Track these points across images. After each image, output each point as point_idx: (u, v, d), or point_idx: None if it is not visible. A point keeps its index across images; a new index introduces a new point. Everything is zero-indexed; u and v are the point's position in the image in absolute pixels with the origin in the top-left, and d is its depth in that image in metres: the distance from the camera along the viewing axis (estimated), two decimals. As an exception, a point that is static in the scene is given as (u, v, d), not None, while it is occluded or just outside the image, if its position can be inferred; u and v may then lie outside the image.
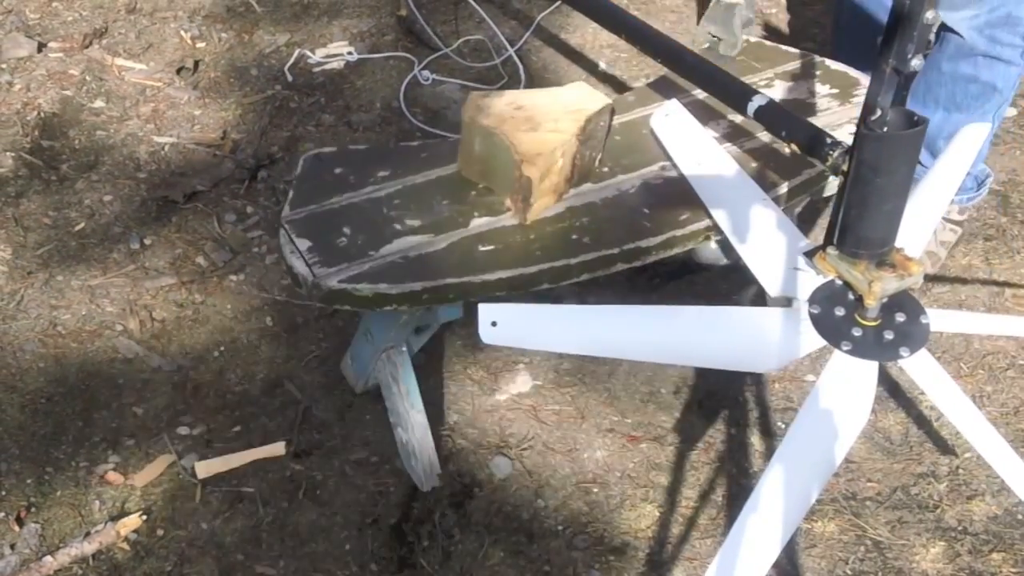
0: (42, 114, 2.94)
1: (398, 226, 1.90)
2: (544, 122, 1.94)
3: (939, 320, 1.68)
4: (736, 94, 1.88)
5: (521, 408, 2.25)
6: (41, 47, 3.17)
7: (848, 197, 1.57)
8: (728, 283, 2.47)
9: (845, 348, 1.61)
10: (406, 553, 2.00)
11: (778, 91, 2.26)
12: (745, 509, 1.51)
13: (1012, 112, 3.06)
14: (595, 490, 2.11)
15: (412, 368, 2.04)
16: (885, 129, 1.50)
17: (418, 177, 2.02)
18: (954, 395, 1.65)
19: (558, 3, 3.44)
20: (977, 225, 2.70)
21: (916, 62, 1.41)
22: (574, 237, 1.91)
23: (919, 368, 1.63)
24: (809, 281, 1.70)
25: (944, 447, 2.18)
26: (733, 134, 2.14)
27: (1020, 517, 2.05)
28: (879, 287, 1.57)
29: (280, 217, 1.92)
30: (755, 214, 1.81)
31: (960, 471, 2.13)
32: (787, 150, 1.95)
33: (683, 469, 2.14)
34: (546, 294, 2.50)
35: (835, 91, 2.26)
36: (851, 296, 1.65)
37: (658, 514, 2.06)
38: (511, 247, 1.88)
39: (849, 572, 1.97)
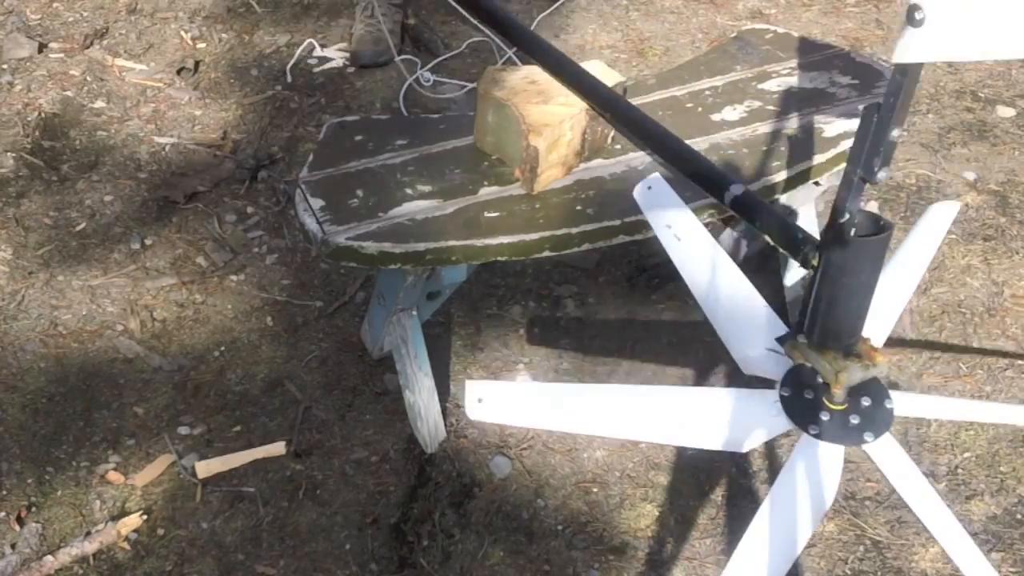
0: (43, 114, 2.94)
1: (409, 191, 1.96)
2: (555, 96, 1.98)
3: (903, 405, 1.71)
4: (713, 181, 1.87)
5: (521, 408, 2.25)
6: (42, 47, 3.18)
7: (816, 292, 1.62)
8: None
9: (812, 432, 1.65)
10: (406, 553, 2.00)
11: (800, 80, 2.28)
12: None
13: (1011, 112, 3.07)
14: (595, 490, 2.11)
15: (421, 332, 2.09)
16: (853, 232, 1.55)
17: (434, 147, 2.08)
18: (916, 482, 1.67)
19: (558, 3, 3.45)
20: (976, 225, 2.70)
21: (882, 174, 1.48)
22: (578, 208, 1.95)
23: (881, 453, 1.66)
24: (782, 363, 1.73)
25: (943, 447, 2.18)
26: (749, 118, 2.18)
27: (1019, 517, 2.05)
28: (845, 376, 1.62)
29: (298, 178, 1.98)
30: (732, 293, 1.84)
31: (959, 471, 2.13)
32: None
33: (683, 469, 2.14)
34: (549, 294, 2.50)
35: (856, 82, 2.27)
36: (820, 380, 1.68)
37: (658, 514, 2.06)
38: (515, 214, 1.92)
39: (848, 572, 1.97)
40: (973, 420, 2.25)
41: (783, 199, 2.18)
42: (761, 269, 2.42)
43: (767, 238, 1.80)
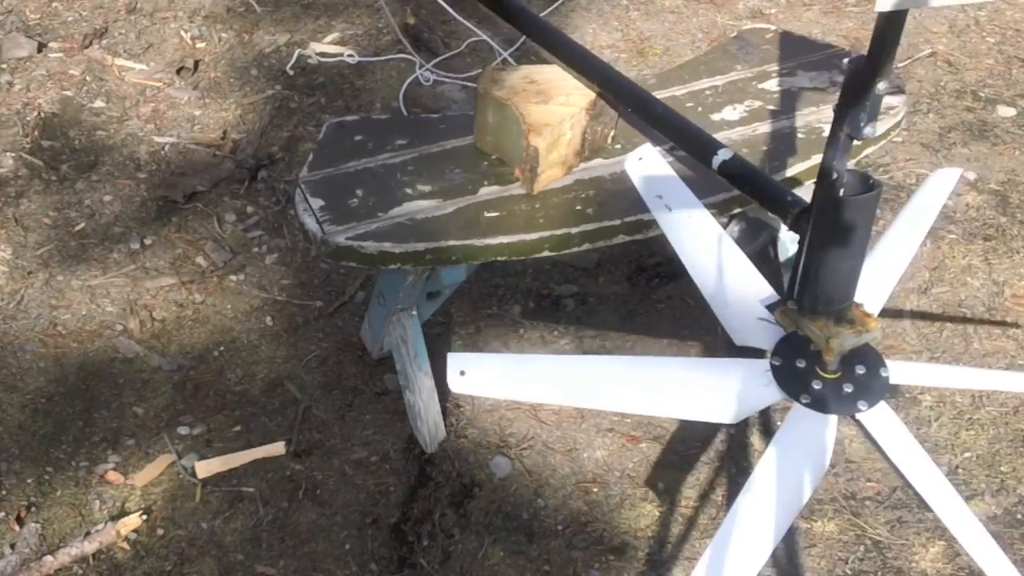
0: (42, 114, 2.94)
1: (409, 191, 1.96)
2: (555, 95, 1.98)
3: (899, 373, 1.67)
4: (701, 146, 1.86)
5: (521, 408, 2.25)
6: (41, 47, 3.18)
7: (806, 256, 1.58)
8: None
9: (804, 401, 1.61)
10: (406, 553, 2.00)
11: (801, 80, 2.28)
12: (701, 561, 1.51)
13: (1011, 112, 3.07)
14: (595, 490, 2.11)
15: (421, 331, 2.10)
16: (842, 192, 1.52)
17: (434, 147, 2.08)
18: (911, 451, 1.63)
19: (558, 3, 3.44)
20: (977, 225, 2.70)
21: (869, 129, 1.45)
22: (578, 208, 1.95)
23: (876, 422, 1.62)
24: (774, 332, 1.70)
25: (944, 447, 2.18)
26: (749, 118, 2.18)
27: (1019, 517, 2.05)
28: (837, 343, 1.58)
29: (298, 178, 1.98)
30: (723, 263, 1.81)
31: (960, 471, 2.13)
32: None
33: (683, 469, 2.14)
34: (549, 294, 2.50)
35: None
36: (813, 348, 1.64)
37: (658, 514, 2.06)
38: (515, 214, 1.92)
39: (848, 572, 1.97)
40: (971, 388, 2.22)
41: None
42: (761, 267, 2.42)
43: (755, 202, 1.78)
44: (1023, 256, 2.62)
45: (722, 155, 1.79)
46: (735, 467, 2.14)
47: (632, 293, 2.51)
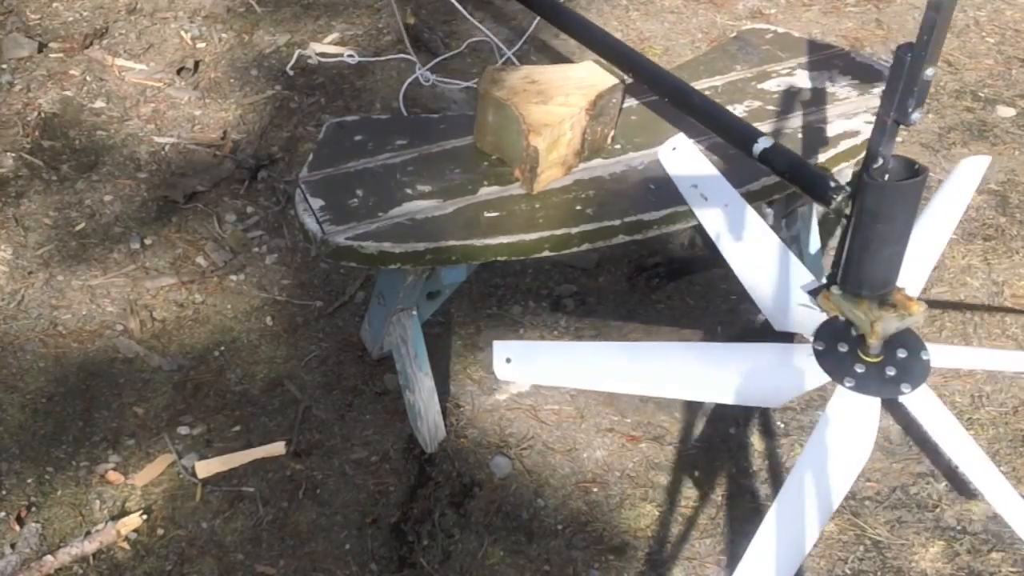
0: (42, 114, 2.94)
1: (409, 191, 1.96)
2: (555, 96, 1.98)
3: (940, 356, 1.70)
4: (741, 135, 1.89)
5: (521, 408, 2.25)
6: (41, 47, 3.18)
7: (851, 241, 1.61)
8: (727, 283, 2.47)
9: (848, 384, 1.64)
10: (406, 553, 2.00)
11: (800, 80, 2.28)
12: (752, 545, 1.53)
13: (1011, 112, 3.07)
14: (595, 490, 2.11)
15: (421, 331, 2.10)
16: (887, 177, 1.54)
17: (434, 147, 2.08)
18: (954, 431, 1.66)
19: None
20: (976, 225, 2.70)
21: (916, 115, 1.46)
22: (578, 208, 1.95)
23: (919, 404, 1.65)
24: (814, 317, 1.72)
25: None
26: (749, 118, 2.17)
27: (1019, 517, 2.05)
28: (881, 327, 1.61)
29: (298, 178, 1.98)
30: (761, 249, 1.83)
31: (960, 470, 2.13)
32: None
33: (683, 469, 2.14)
34: (549, 294, 2.50)
35: (855, 82, 2.27)
36: (854, 333, 1.67)
37: (658, 514, 2.06)
38: (515, 214, 1.93)
39: (848, 572, 1.97)
40: (1010, 371, 2.23)
41: (784, 199, 2.18)
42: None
43: (797, 188, 1.80)
44: (1023, 256, 2.62)
45: (763, 143, 1.81)
46: (735, 467, 2.14)
47: (632, 293, 2.51)
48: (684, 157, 1.98)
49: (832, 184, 1.71)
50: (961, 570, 1.96)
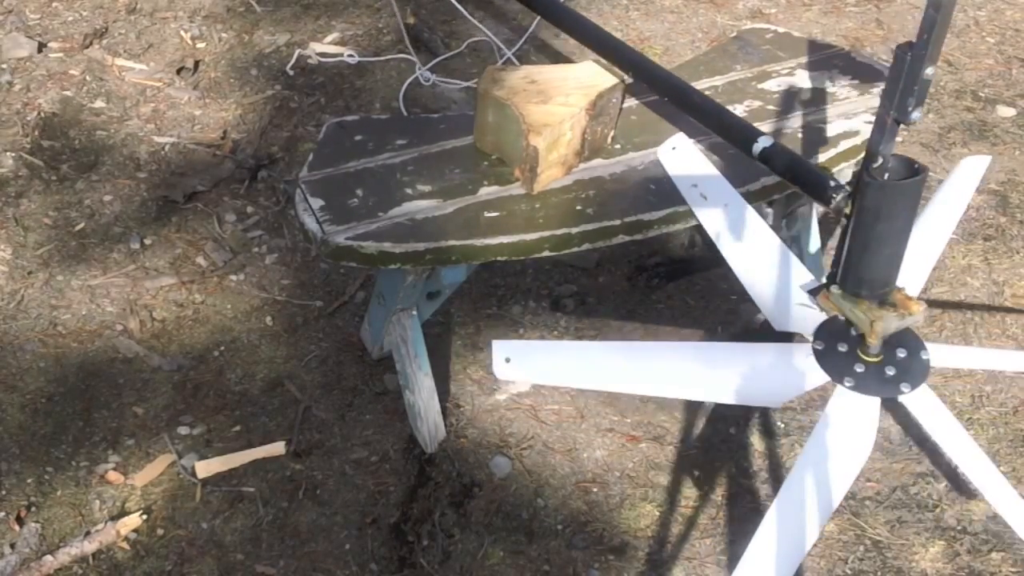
0: (42, 114, 2.94)
1: (409, 191, 1.96)
2: (555, 96, 1.98)
3: (940, 356, 1.69)
4: (741, 134, 1.89)
5: (521, 408, 2.25)
6: (41, 47, 3.17)
7: (851, 240, 1.61)
8: (727, 283, 2.47)
9: (848, 384, 1.64)
10: (406, 553, 2.00)
11: (800, 80, 2.28)
12: (751, 545, 1.53)
13: (1011, 112, 3.07)
14: (595, 490, 2.11)
15: (421, 331, 2.10)
16: (887, 177, 1.54)
17: (433, 147, 2.08)
18: (954, 431, 1.66)
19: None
20: (977, 225, 2.70)
21: (916, 114, 1.46)
22: (578, 208, 1.95)
23: (919, 404, 1.65)
24: (814, 317, 1.72)
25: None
26: (749, 118, 2.17)
27: (1019, 517, 2.05)
28: (880, 326, 1.61)
29: (298, 178, 1.98)
30: (761, 249, 1.83)
31: (960, 470, 2.13)
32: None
33: (683, 469, 2.14)
34: (549, 294, 2.50)
35: (855, 82, 2.27)
36: (854, 333, 1.66)
37: (658, 514, 2.06)
38: (515, 214, 1.93)
39: (848, 571, 1.97)
40: (1010, 370, 2.23)
41: (784, 198, 2.18)
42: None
43: (797, 188, 1.80)
44: (1023, 256, 2.62)
45: (763, 142, 1.81)
46: (735, 467, 2.14)
47: (632, 293, 2.51)
48: (684, 157, 1.98)
49: (832, 184, 1.71)
50: (961, 570, 1.96)
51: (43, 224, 2.63)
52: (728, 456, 2.16)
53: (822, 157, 2.08)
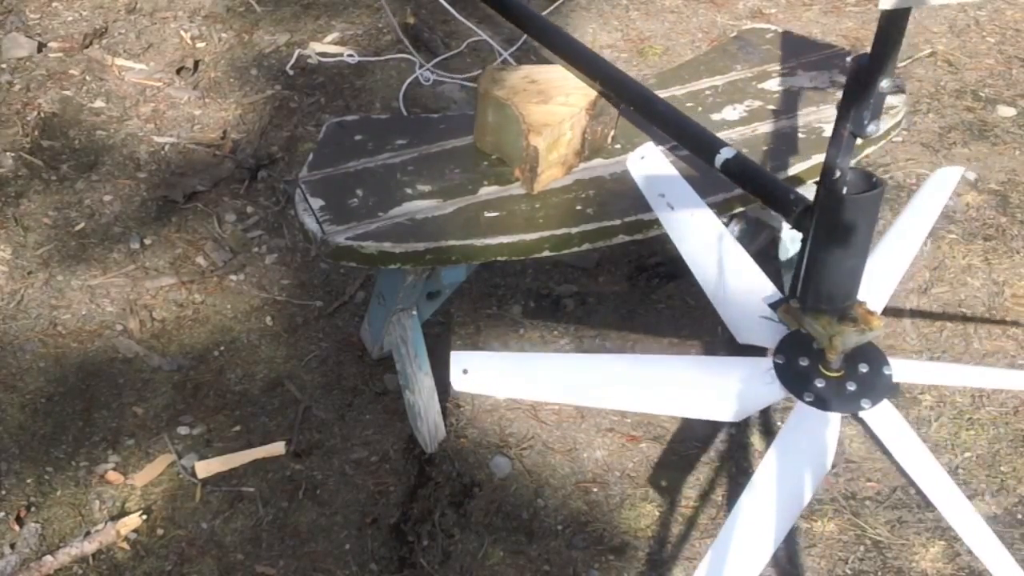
0: (42, 114, 2.94)
1: (409, 191, 1.96)
2: (555, 95, 1.98)
3: (902, 371, 1.68)
4: (704, 145, 1.86)
5: (521, 408, 2.25)
6: (41, 47, 3.17)
7: (809, 254, 1.59)
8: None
9: (807, 399, 1.62)
10: (406, 553, 2.00)
11: (800, 80, 2.28)
12: (703, 562, 1.51)
13: (1012, 112, 3.07)
14: (595, 490, 2.11)
15: (421, 331, 2.10)
16: (845, 190, 1.52)
17: (433, 147, 2.08)
18: (915, 449, 1.63)
19: (558, 3, 3.44)
20: (977, 225, 2.70)
21: (872, 127, 1.44)
22: (578, 208, 1.95)
23: (879, 420, 1.63)
24: (777, 330, 1.71)
25: (944, 447, 2.18)
26: (749, 118, 2.18)
27: (1020, 517, 2.05)
28: (839, 341, 1.58)
29: (298, 178, 1.98)
30: (725, 261, 1.82)
31: (960, 471, 2.13)
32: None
33: (683, 469, 2.14)
34: (549, 294, 2.50)
35: None
36: (816, 347, 1.65)
37: (658, 514, 2.06)
38: (515, 214, 1.93)
39: (848, 572, 1.97)
40: (973, 386, 2.23)
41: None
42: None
43: (759, 201, 1.78)
44: (1023, 256, 2.62)
45: (725, 153, 1.79)
46: (735, 467, 2.14)
47: (632, 293, 2.51)
48: (652, 166, 1.97)
49: (792, 196, 1.69)
50: (961, 570, 1.96)
51: (43, 224, 2.63)
52: (728, 456, 2.16)
53: (822, 157, 2.08)
